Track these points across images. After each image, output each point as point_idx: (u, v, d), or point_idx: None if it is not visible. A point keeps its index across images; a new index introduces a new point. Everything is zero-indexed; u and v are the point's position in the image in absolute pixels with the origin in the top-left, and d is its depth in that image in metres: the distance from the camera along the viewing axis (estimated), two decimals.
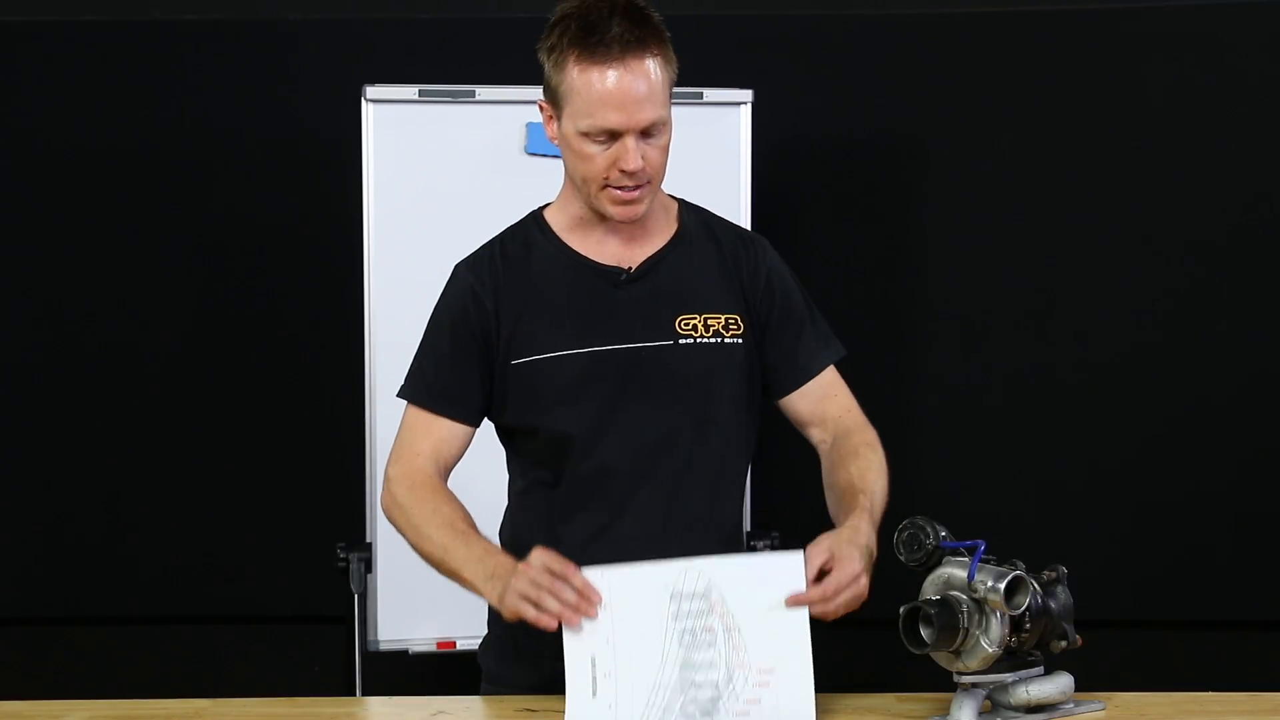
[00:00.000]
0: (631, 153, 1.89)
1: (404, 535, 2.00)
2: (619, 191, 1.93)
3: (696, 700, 1.78)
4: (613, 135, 1.90)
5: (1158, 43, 3.56)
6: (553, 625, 1.78)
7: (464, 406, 2.01)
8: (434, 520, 1.95)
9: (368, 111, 3.20)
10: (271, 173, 3.59)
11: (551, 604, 1.78)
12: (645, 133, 1.90)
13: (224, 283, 3.63)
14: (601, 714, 1.78)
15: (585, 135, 1.91)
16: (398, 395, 2.05)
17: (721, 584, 1.79)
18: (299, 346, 3.61)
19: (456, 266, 2.06)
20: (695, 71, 3.10)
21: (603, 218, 1.99)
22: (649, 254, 2.02)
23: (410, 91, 3.22)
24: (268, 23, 3.61)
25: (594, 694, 1.79)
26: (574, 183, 1.99)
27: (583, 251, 2.01)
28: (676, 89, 1.99)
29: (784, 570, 1.79)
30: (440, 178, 3.21)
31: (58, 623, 3.68)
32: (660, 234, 2.05)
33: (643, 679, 1.79)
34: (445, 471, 2.02)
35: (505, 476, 2.10)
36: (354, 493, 3.28)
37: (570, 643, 1.80)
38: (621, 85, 1.87)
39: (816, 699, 1.77)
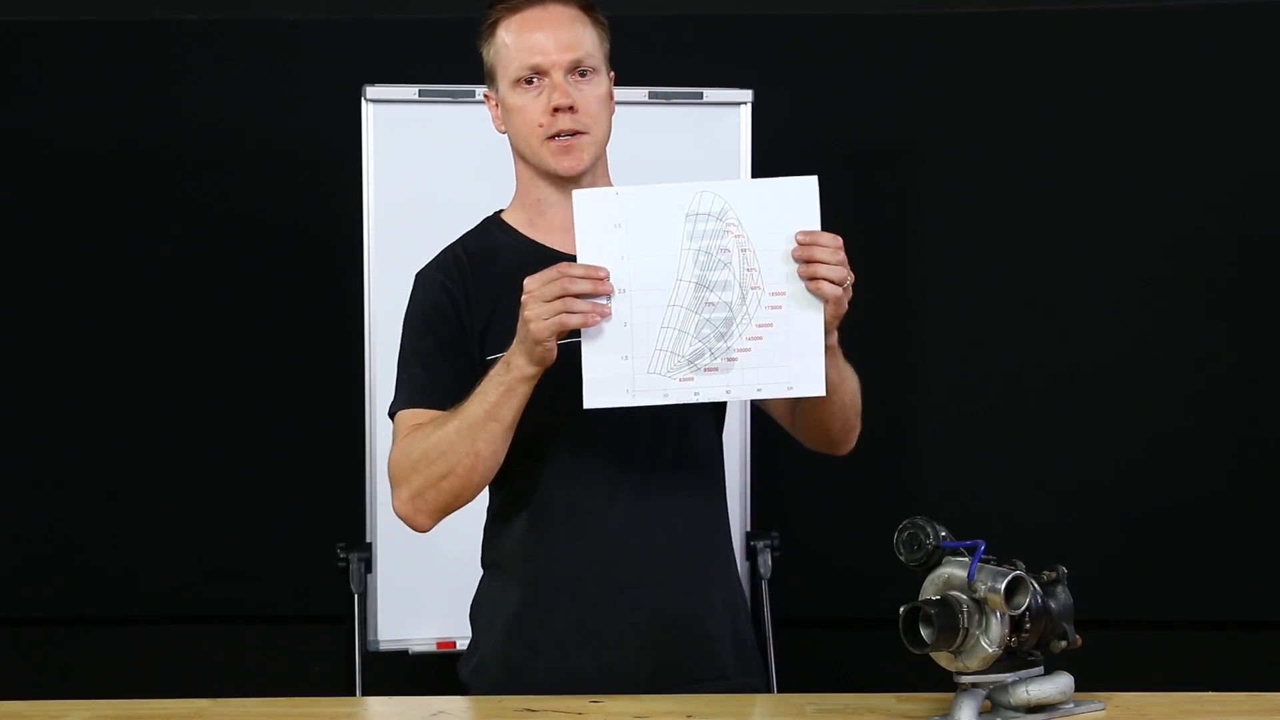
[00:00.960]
0: (561, 87, 1.92)
1: (443, 480, 1.89)
2: (558, 140, 1.93)
3: (710, 321, 1.79)
4: (540, 74, 1.92)
5: (1158, 43, 3.56)
6: (593, 320, 1.77)
7: (460, 398, 1.91)
8: (438, 424, 1.90)
9: (368, 111, 3.20)
10: (271, 173, 3.59)
11: (575, 319, 1.76)
12: (577, 75, 1.93)
13: (224, 283, 3.63)
14: (616, 331, 1.78)
15: (516, 85, 1.94)
16: (389, 413, 2.00)
17: (737, 205, 1.80)
18: (299, 346, 3.61)
19: (419, 272, 2.04)
20: (695, 71, 3.10)
21: (555, 189, 1.97)
22: None
23: (410, 91, 3.22)
24: (268, 23, 3.60)
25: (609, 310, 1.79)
26: (521, 156, 1.99)
27: (545, 243, 1.99)
28: (676, 89, 2.00)
29: (798, 190, 1.82)
30: (440, 178, 3.20)
31: (58, 623, 3.68)
32: None
33: (657, 298, 1.79)
34: None
35: (484, 497, 2.03)
36: (354, 493, 3.28)
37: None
38: (543, 24, 1.93)
39: (823, 377, 1.79)
